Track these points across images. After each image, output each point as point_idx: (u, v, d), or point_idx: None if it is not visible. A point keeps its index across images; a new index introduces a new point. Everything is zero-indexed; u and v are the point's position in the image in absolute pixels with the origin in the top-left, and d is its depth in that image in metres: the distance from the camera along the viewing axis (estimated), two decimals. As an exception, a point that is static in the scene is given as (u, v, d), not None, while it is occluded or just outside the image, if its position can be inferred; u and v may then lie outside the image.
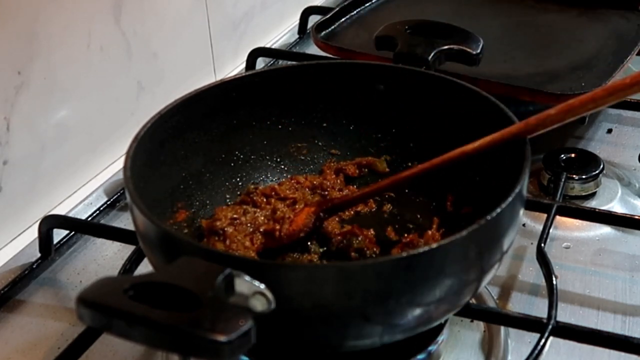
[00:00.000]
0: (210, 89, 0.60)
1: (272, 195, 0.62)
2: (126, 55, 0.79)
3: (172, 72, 0.87)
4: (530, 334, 0.55)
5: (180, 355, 0.38)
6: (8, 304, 0.62)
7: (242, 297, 0.39)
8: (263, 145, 0.65)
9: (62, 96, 0.72)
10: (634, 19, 0.92)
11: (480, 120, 0.56)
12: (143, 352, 0.57)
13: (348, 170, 0.65)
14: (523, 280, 0.63)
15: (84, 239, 0.70)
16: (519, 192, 0.47)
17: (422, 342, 0.53)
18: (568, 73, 0.79)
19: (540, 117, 0.51)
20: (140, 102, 0.82)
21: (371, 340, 0.46)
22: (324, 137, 0.66)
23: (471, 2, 1.00)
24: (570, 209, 0.66)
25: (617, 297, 0.61)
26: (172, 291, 0.38)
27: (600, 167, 0.72)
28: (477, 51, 0.66)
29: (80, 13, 0.72)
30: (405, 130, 0.64)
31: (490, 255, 0.46)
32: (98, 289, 0.38)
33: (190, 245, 0.46)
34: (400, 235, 0.59)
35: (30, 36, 0.67)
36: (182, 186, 0.59)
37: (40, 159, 0.71)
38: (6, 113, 0.66)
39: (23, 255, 0.67)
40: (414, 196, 0.63)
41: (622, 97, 0.49)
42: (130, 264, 0.60)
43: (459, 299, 0.47)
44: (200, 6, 0.90)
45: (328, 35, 0.89)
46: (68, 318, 0.61)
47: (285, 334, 0.45)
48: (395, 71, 0.64)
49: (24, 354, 0.58)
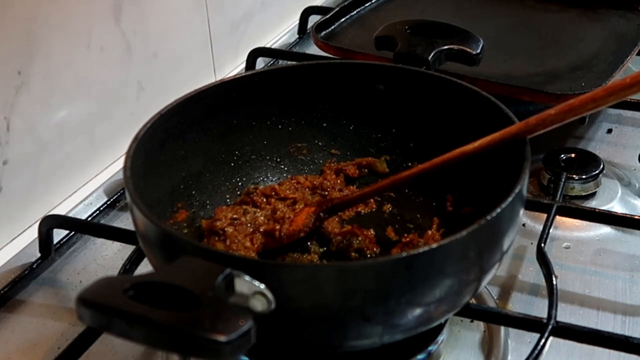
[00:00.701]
0: (210, 89, 0.60)
1: (272, 195, 0.62)
2: (126, 55, 0.79)
3: (172, 72, 0.87)
4: (530, 334, 0.55)
5: (180, 355, 0.38)
6: (8, 304, 0.62)
7: (242, 297, 0.39)
8: (263, 145, 0.65)
9: (62, 96, 0.72)
10: (634, 19, 0.92)
11: (480, 120, 0.56)
12: (143, 352, 0.57)
13: (348, 170, 0.65)
14: (523, 280, 0.63)
15: (84, 239, 0.70)
16: (519, 192, 0.47)
17: (422, 342, 0.53)
18: (568, 73, 0.79)
19: (540, 117, 0.51)
20: (140, 102, 0.82)
21: (371, 340, 0.46)
22: (324, 137, 0.66)
23: (471, 2, 1.00)
24: (570, 209, 0.66)
25: (617, 297, 0.61)
26: (172, 291, 0.38)
27: (600, 167, 0.72)
28: (477, 51, 0.66)
29: (80, 13, 0.72)
30: (405, 130, 0.64)
31: (490, 255, 0.46)
32: (98, 289, 0.38)
33: (190, 245, 0.46)
34: (400, 235, 0.59)
35: (30, 36, 0.67)
36: (182, 186, 0.59)
37: (40, 159, 0.71)
38: (6, 113, 0.66)
39: (23, 255, 0.67)
40: (414, 196, 0.63)
41: (622, 97, 0.49)
42: (130, 264, 0.60)
43: (459, 299, 0.47)
44: (200, 6, 0.90)
45: (328, 35, 0.89)
46: (68, 318, 0.61)
47: (285, 334, 0.45)
48: (395, 71, 0.64)
49: (24, 354, 0.58)
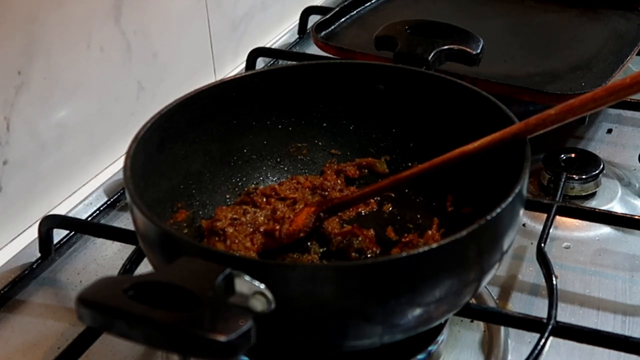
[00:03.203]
0: (210, 89, 0.60)
1: (272, 195, 0.62)
2: (126, 55, 0.79)
3: (172, 72, 0.87)
4: (530, 334, 0.55)
5: (180, 355, 0.38)
6: (8, 304, 0.62)
7: (242, 297, 0.39)
8: (263, 145, 0.65)
9: (62, 96, 0.72)
10: (634, 19, 0.92)
11: (480, 120, 0.56)
12: (143, 352, 0.57)
13: (348, 171, 0.65)
14: (523, 280, 0.63)
15: (84, 239, 0.70)
16: (519, 192, 0.47)
17: (422, 342, 0.53)
18: (568, 73, 0.79)
19: (540, 117, 0.51)
20: (140, 102, 0.82)
21: (371, 340, 0.46)
22: (324, 137, 0.66)
23: (471, 2, 1.00)
24: (570, 209, 0.66)
25: (617, 297, 0.61)
26: (172, 291, 0.38)
27: (600, 167, 0.72)
28: (477, 51, 0.66)
29: (80, 13, 0.72)
30: (405, 130, 0.64)
31: (490, 255, 0.46)
32: (98, 289, 0.38)
33: (190, 245, 0.46)
34: (400, 235, 0.59)
35: (30, 36, 0.67)
36: (182, 186, 0.59)
37: (40, 159, 0.71)
38: (6, 113, 0.66)
39: (23, 255, 0.67)
40: (414, 196, 0.63)
41: (622, 97, 0.49)
42: (130, 264, 0.60)
43: (459, 299, 0.47)
44: (200, 6, 0.90)
45: (328, 35, 0.89)
46: (68, 318, 0.61)
47: (285, 334, 0.45)
48: (395, 71, 0.64)
49: (24, 354, 0.58)
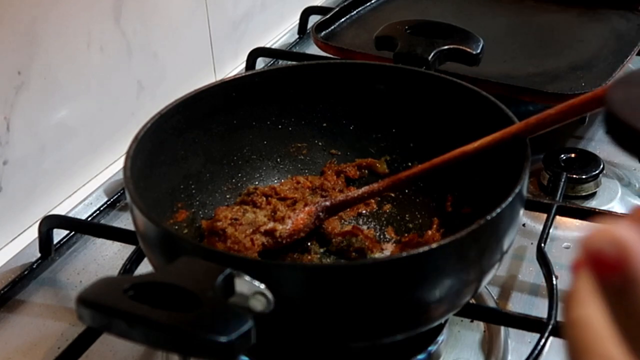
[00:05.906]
0: (210, 89, 0.60)
1: (272, 195, 0.61)
2: (126, 55, 0.79)
3: (172, 72, 0.87)
4: (530, 334, 0.55)
5: (180, 355, 0.38)
6: (8, 304, 0.62)
7: (242, 297, 0.39)
8: (263, 145, 0.65)
9: (62, 96, 0.72)
10: (634, 19, 0.92)
11: (480, 120, 0.56)
12: (143, 352, 0.57)
13: (348, 172, 0.65)
14: (523, 280, 0.63)
15: (84, 239, 0.70)
16: (519, 192, 0.47)
17: (422, 342, 0.53)
18: (568, 73, 0.79)
19: (540, 117, 0.51)
20: (140, 102, 0.82)
21: (371, 340, 0.46)
22: (324, 137, 0.66)
23: (471, 2, 1.00)
24: (570, 209, 0.66)
25: (617, 297, 0.61)
26: (172, 291, 0.38)
27: (600, 167, 0.72)
28: (477, 51, 0.66)
29: (80, 13, 0.72)
30: (405, 130, 0.64)
31: (490, 255, 0.46)
32: (98, 289, 0.38)
33: (190, 245, 0.46)
34: (400, 235, 0.59)
35: (30, 36, 0.67)
36: (182, 186, 0.59)
37: (40, 159, 0.71)
38: (6, 113, 0.66)
39: (23, 255, 0.67)
40: (414, 196, 0.63)
41: (622, 97, 0.49)
42: (130, 264, 0.60)
43: (459, 299, 0.47)
44: (200, 6, 0.90)
45: (328, 35, 0.89)
46: (68, 318, 0.61)
47: (285, 334, 0.45)
48: (395, 71, 0.64)
49: (24, 354, 0.58)
